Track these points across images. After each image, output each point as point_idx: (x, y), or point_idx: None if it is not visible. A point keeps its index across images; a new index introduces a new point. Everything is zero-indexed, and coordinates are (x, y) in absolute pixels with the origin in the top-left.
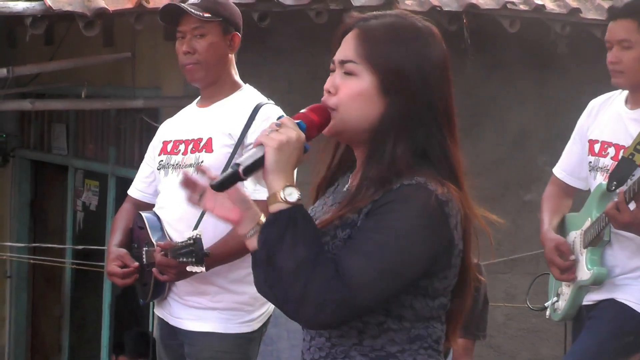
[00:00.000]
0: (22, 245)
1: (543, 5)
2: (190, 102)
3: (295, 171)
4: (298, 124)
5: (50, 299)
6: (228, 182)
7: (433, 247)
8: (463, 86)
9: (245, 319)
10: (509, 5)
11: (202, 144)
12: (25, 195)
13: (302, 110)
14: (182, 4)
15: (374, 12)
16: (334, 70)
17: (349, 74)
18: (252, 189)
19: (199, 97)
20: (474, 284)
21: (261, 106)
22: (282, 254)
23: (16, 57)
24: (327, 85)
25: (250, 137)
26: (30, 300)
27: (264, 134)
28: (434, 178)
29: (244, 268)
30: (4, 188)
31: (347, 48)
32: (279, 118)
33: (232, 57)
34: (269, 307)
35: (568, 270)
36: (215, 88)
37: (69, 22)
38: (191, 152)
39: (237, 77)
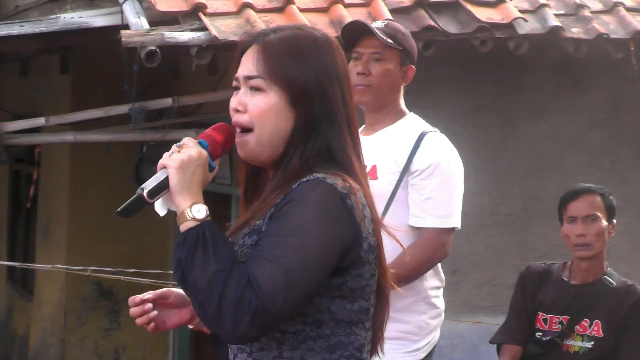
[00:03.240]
0: None
1: None
2: None
3: None
4: (200, 142)
5: None
6: (133, 207)
7: (337, 239)
8: (632, 113)
9: (411, 349)
10: None
11: (367, 171)
12: None
13: (206, 130)
14: (370, 24)
15: (272, 27)
16: (237, 88)
17: (255, 89)
18: (415, 216)
19: (364, 126)
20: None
21: (426, 134)
22: (194, 271)
23: (180, 88)
24: (234, 104)
25: (416, 164)
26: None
27: (166, 156)
28: (334, 173)
29: (409, 297)
30: (168, 217)
31: (249, 64)
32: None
33: (402, 87)
34: (434, 336)
35: None
36: (380, 115)
37: (233, 52)
38: None
39: (403, 106)
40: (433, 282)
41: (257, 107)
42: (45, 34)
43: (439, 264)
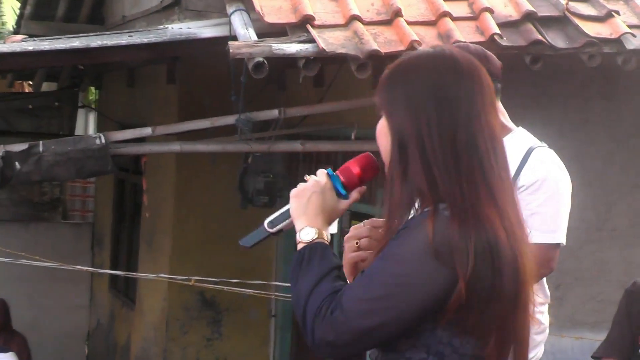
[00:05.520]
0: (288, 285)
1: None
2: None
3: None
4: (327, 171)
5: None
6: (255, 237)
7: (441, 277)
8: None
9: None
10: None
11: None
12: (292, 235)
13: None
14: None
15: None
16: None
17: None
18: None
19: None
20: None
21: (534, 149)
22: (294, 286)
23: (286, 99)
24: None
25: (522, 180)
26: (294, 340)
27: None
28: (458, 205)
29: None
30: None
31: None
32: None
33: (497, 103)
34: (538, 352)
35: None
36: None
37: (339, 64)
38: None
39: (507, 121)
40: (537, 298)
41: (377, 129)
42: (153, 44)
43: (544, 279)
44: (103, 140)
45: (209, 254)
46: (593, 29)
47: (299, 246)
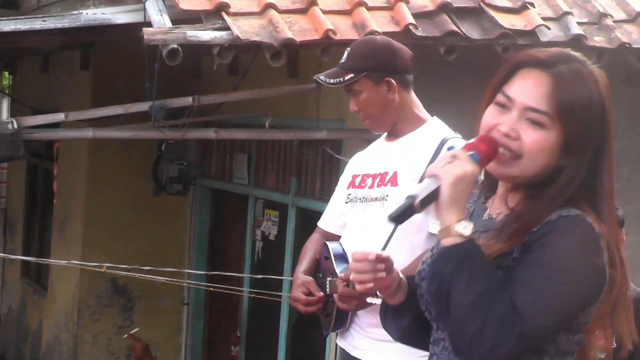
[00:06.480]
0: (201, 272)
1: None
2: (372, 135)
3: None
4: (471, 156)
5: (227, 327)
6: (404, 214)
7: (591, 280)
8: None
9: (426, 353)
10: None
11: (387, 178)
12: (204, 223)
13: (471, 141)
14: (321, 79)
15: (557, 53)
16: (502, 105)
17: (536, 123)
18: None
19: (386, 133)
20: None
21: (447, 140)
22: (458, 287)
23: (200, 87)
24: (506, 129)
25: None
26: (206, 328)
27: (439, 167)
28: (589, 211)
29: None
30: (184, 216)
31: (536, 95)
32: (449, 149)
33: (408, 95)
34: None
35: None
36: (398, 127)
37: (254, 53)
38: (377, 186)
39: (420, 112)
40: None
41: (535, 143)
42: (67, 30)
43: None
44: (15, 125)
45: (121, 241)
46: (508, 21)
47: (456, 240)
